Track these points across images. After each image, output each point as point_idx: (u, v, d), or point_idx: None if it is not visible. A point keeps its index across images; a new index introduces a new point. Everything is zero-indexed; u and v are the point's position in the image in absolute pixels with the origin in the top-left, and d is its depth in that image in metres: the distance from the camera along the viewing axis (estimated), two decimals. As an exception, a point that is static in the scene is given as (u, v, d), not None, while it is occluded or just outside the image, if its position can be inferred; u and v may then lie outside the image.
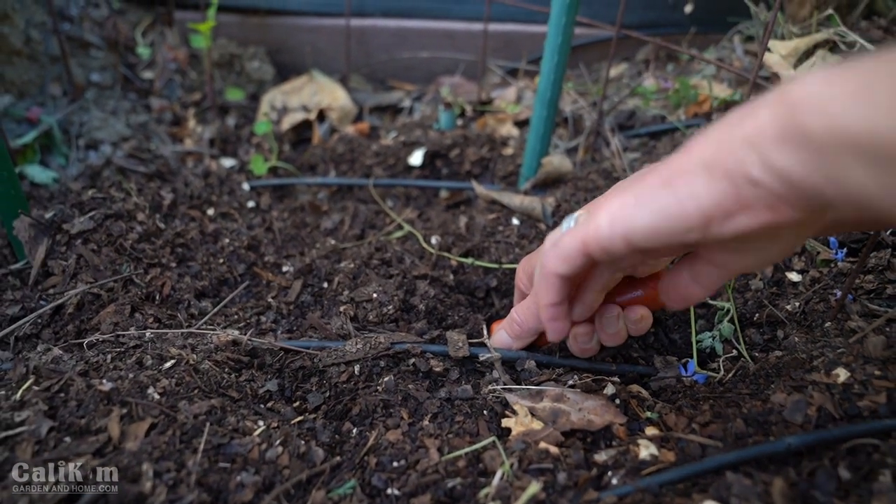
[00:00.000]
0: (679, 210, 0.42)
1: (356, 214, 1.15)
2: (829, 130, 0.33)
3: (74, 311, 0.79)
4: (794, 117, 0.35)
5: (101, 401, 0.60)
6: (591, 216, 0.49)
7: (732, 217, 0.41)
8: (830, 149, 0.33)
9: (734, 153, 0.39)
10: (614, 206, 0.47)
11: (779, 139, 0.36)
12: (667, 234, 0.44)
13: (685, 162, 0.43)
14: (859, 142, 0.32)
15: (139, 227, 0.91)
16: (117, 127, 1.32)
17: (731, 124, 0.41)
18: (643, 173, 0.50)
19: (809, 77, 0.35)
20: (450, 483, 0.56)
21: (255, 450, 0.58)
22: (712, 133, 0.43)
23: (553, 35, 1.00)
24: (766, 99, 0.39)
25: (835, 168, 0.34)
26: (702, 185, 0.41)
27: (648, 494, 0.54)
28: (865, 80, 0.32)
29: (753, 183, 0.39)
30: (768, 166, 0.37)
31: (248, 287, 0.93)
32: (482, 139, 1.27)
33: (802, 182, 0.36)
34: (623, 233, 0.46)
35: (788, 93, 0.36)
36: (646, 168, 0.54)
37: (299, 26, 1.58)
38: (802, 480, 0.55)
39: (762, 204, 0.40)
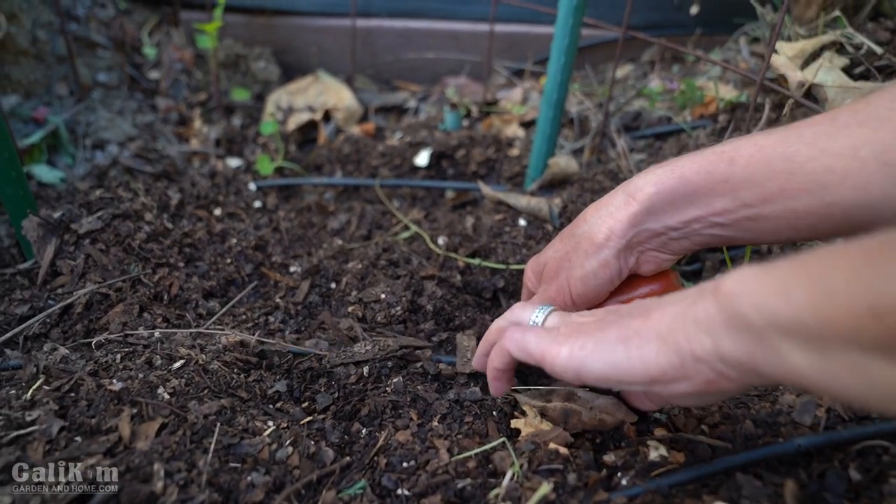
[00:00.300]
0: (628, 367, 0.48)
1: (363, 215, 1.15)
2: (765, 321, 0.38)
3: (83, 310, 0.79)
4: (735, 308, 0.40)
5: (112, 401, 0.60)
6: (559, 339, 0.53)
7: (674, 382, 0.46)
8: (769, 336, 0.38)
9: (686, 331, 0.44)
10: (577, 343, 0.51)
11: (726, 326, 0.41)
12: (614, 382, 0.50)
13: (643, 326, 0.48)
14: (791, 329, 0.37)
15: (147, 227, 0.91)
16: (124, 127, 1.32)
17: (685, 302, 0.46)
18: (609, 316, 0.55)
19: (742, 273, 0.41)
20: (460, 484, 0.56)
21: (265, 450, 0.58)
22: (668, 306, 0.48)
23: (560, 36, 1.00)
24: (710, 287, 0.44)
25: (774, 353, 0.39)
26: (652, 351, 0.46)
27: (658, 496, 0.54)
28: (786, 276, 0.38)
29: (698, 359, 0.44)
30: (715, 347, 0.43)
31: (256, 287, 0.93)
32: (488, 140, 1.27)
33: (748, 364, 0.41)
34: (576, 370, 0.51)
35: (727, 286, 0.41)
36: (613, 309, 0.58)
37: (305, 27, 1.58)
38: (812, 482, 0.55)
39: (702, 377, 0.45)
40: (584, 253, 0.65)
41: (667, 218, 0.61)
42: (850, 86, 0.99)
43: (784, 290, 0.37)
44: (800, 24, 1.23)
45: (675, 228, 0.61)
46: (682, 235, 0.61)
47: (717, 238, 0.60)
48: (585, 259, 0.65)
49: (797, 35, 1.18)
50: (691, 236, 0.61)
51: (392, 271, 0.93)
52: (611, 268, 0.64)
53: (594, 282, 0.65)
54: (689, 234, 0.61)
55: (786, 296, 0.37)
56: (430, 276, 0.92)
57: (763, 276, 0.39)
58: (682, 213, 0.60)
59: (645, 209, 0.61)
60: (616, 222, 0.63)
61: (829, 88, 0.99)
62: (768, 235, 0.58)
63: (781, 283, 0.38)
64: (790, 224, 0.55)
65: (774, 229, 0.56)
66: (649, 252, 0.64)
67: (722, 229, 0.59)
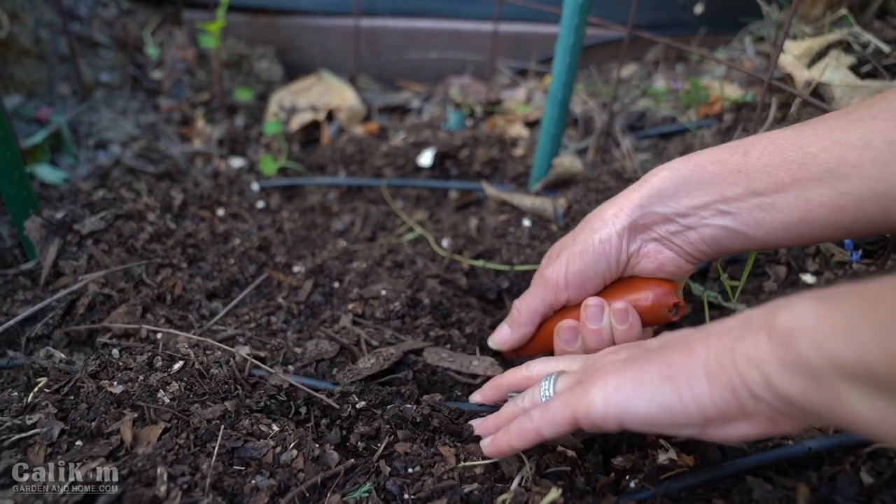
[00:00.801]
0: (680, 407, 0.43)
1: (367, 216, 1.14)
2: (827, 361, 0.35)
3: (85, 311, 0.79)
4: (792, 347, 0.37)
5: (112, 403, 0.60)
6: (584, 388, 0.49)
7: (733, 423, 0.43)
8: (829, 378, 0.35)
9: (737, 367, 0.41)
10: (611, 386, 0.47)
11: (780, 364, 0.38)
12: (663, 425, 0.45)
13: (687, 361, 0.44)
14: (856, 373, 0.34)
15: (150, 227, 0.91)
16: (126, 127, 1.31)
17: (731, 335, 0.42)
18: (638, 354, 0.50)
19: (800, 306, 0.38)
20: (466, 489, 0.55)
21: (269, 453, 0.58)
22: (711, 338, 0.44)
23: (565, 35, 0.99)
24: (760, 320, 0.41)
25: (835, 395, 0.36)
26: (705, 389, 0.42)
27: (668, 499, 0.54)
28: (852, 314, 0.34)
29: (756, 398, 0.40)
30: (771, 387, 0.39)
31: (259, 287, 0.93)
32: (492, 140, 1.27)
33: (803, 405, 0.38)
34: (617, 416, 0.46)
35: (783, 321, 0.38)
36: (635, 344, 0.55)
37: (308, 26, 1.57)
38: (823, 485, 0.55)
39: (763, 416, 0.42)
40: (589, 229, 0.64)
41: (676, 202, 0.60)
42: (857, 84, 0.98)
43: (849, 329, 0.34)
44: (806, 22, 1.22)
45: (683, 215, 0.60)
46: (688, 225, 0.60)
47: (726, 232, 0.59)
48: (589, 234, 0.64)
49: (803, 34, 1.17)
50: (698, 227, 0.60)
51: (397, 272, 0.92)
52: (611, 245, 0.63)
53: (592, 257, 0.64)
54: (697, 223, 0.60)
55: (851, 337, 0.34)
56: (434, 276, 0.91)
57: (824, 311, 0.36)
58: (692, 198, 0.59)
59: (656, 191, 0.61)
60: (626, 200, 0.63)
61: (837, 87, 0.98)
62: (780, 232, 0.56)
63: (846, 321, 0.34)
64: (802, 217, 0.54)
65: (786, 223, 0.55)
66: (652, 244, 0.63)
67: (731, 219, 0.58)
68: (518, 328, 0.72)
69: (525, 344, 0.74)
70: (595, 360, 0.55)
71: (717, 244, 0.60)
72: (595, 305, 0.64)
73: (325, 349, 0.75)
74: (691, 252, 0.62)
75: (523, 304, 0.71)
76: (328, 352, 0.75)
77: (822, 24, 1.16)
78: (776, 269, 0.86)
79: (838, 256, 0.82)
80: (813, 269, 0.84)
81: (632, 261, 0.65)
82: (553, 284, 0.67)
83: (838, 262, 0.82)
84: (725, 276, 0.80)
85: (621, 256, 0.64)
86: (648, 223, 0.62)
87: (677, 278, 0.66)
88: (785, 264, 0.86)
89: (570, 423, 0.49)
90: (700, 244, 0.61)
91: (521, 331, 0.72)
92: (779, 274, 0.85)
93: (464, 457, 0.59)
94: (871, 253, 0.82)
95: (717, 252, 0.61)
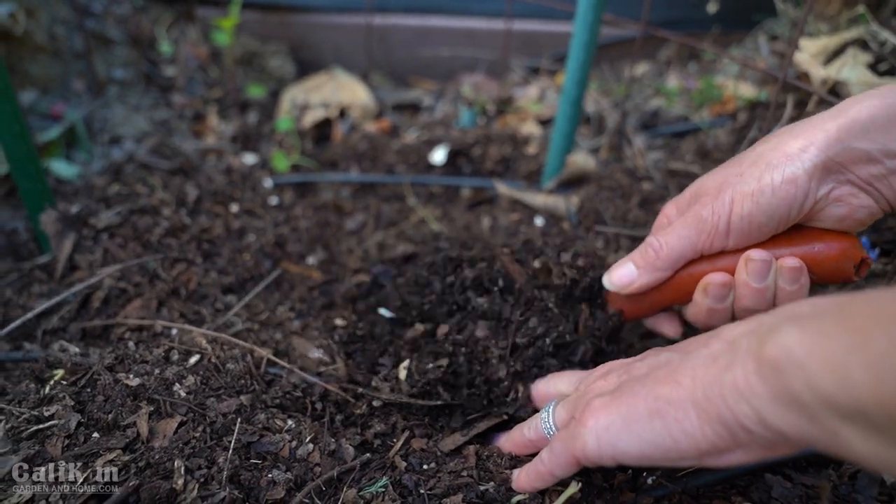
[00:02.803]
0: (673, 445, 0.41)
1: (379, 214, 1.14)
2: (820, 399, 0.33)
3: (101, 305, 0.79)
4: (783, 382, 0.35)
5: (128, 396, 0.60)
6: (577, 427, 0.47)
7: (728, 453, 0.41)
8: (824, 415, 0.33)
9: (726, 401, 0.38)
10: (601, 425, 0.45)
11: (771, 399, 0.36)
12: (658, 460, 0.43)
13: (675, 395, 0.42)
14: (851, 413, 0.32)
15: (165, 222, 0.91)
16: (140, 123, 1.32)
17: (718, 364, 0.40)
18: (626, 381, 0.47)
19: (788, 338, 0.35)
20: (482, 486, 0.55)
21: (285, 447, 0.57)
22: (698, 368, 0.41)
23: (579, 32, 0.99)
24: (746, 347, 0.38)
25: (831, 432, 0.33)
26: (695, 424, 0.40)
27: (686, 496, 0.53)
28: (843, 350, 0.32)
29: (748, 431, 0.38)
30: (762, 422, 0.37)
31: (276, 281, 0.92)
32: (504, 138, 1.26)
33: (798, 439, 0.36)
34: (612, 455, 0.44)
35: (770, 353, 0.35)
36: (624, 367, 0.51)
37: (321, 23, 1.58)
38: (843, 484, 0.54)
39: (758, 445, 0.39)
40: (765, 165, 0.51)
41: (884, 137, 0.48)
42: (874, 82, 0.97)
43: (841, 368, 0.31)
44: (821, 20, 1.21)
45: (892, 154, 0.49)
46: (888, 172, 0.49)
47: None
48: (766, 171, 0.51)
49: (819, 31, 1.16)
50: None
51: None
52: (798, 186, 0.50)
53: (769, 200, 0.51)
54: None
55: (843, 377, 0.31)
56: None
57: (813, 346, 0.33)
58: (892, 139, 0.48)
59: (859, 124, 0.49)
60: (817, 131, 0.50)
61: (854, 85, 0.98)
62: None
63: (837, 358, 0.32)
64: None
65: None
66: (848, 186, 0.51)
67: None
68: (652, 272, 0.59)
69: (649, 292, 0.62)
70: (585, 386, 0.53)
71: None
72: (762, 261, 0.54)
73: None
74: (892, 199, 0.51)
75: (666, 244, 0.58)
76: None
77: (838, 22, 1.15)
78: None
79: (856, 255, 0.81)
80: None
81: (817, 206, 0.52)
82: (710, 228, 0.55)
83: (856, 261, 0.81)
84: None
85: (807, 202, 0.51)
86: (846, 162, 0.50)
87: (859, 229, 0.54)
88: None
89: (573, 464, 0.48)
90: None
91: (656, 275, 0.59)
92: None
93: (485, 454, 0.58)
94: (890, 252, 0.81)
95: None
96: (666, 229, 0.59)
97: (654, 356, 0.49)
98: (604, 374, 0.52)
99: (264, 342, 0.75)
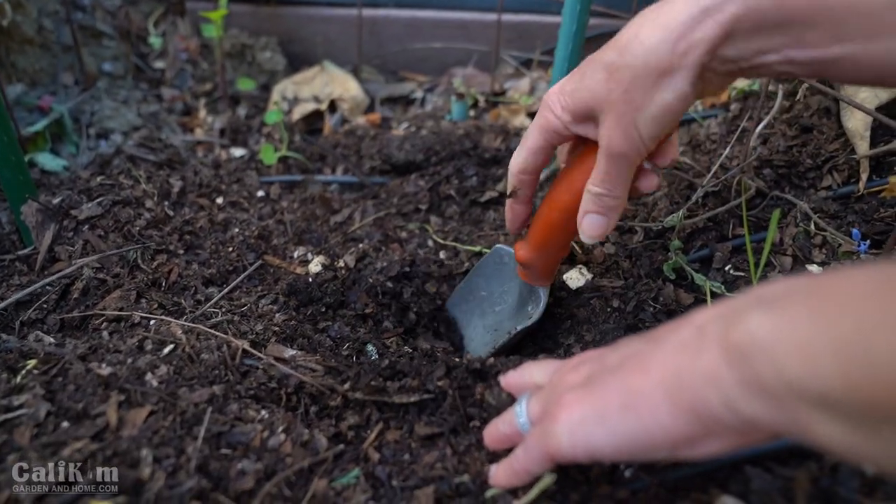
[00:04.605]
0: (647, 437, 0.41)
1: (365, 210, 1.13)
2: (786, 386, 0.32)
3: (80, 296, 0.78)
4: (749, 368, 0.34)
5: (99, 385, 0.59)
6: (550, 423, 0.46)
7: (701, 444, 0.40)
8: (791, 402, 0.33)
9: (695, 389, 0.38)
10: (574, 421, 0.44)
11: (739, 386, 0.35)
12: (634, 453, 0.43)
13: (646, 385, 0.41)
14: (817, 399, 0.31)
15: (147, 213, 0.90)
16: (128, 116, 1.31)
17: (686, 351, 0.40)
18: (598, 373, 0.47)
19: (753, 319, 0.35)
20: (457, 479, 0.54)
21: (257, 437, 0.57)
22: (668, 356, 0.41)
23: (567, 22, 0.98)
24: (714, 333, 0.38)
25: (798, 418, 0.33)
26: (666, 413, 0.40)
27: (663, 489, 0.52)
28: (809, 332, 0.31)
29: (719, 419, 0.38)
30: (732, 409, 0.36)
31: (258, 270, 0.91)
32: (495, 130, 1.25)
33: (769, 425, 0.36)
34: (586, 450, 0.44)
35: (737, 338, 0.35)
36: (596, 356, 0.51)
37: (311, 16, 1.56)
38: (825, 476, 0.53)
39: (731, 433, 0.39)
40: (651, 84, 0.53)
41: (745, 44, 0.51)
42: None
43: (808, 355, 0.31)
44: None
45: (749, 58, 0.52)
46: (750, 66, 0.53)
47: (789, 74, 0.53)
48: (655, 92, 0.54)
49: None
50: (761, 69, 0.53)
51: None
52: (688, 100, 0.54)
53: (670, 118, 0.55)
54: (759, 66, 0.52)
55: (811, 363, 0.31)
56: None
57: (779, 331, 0.33)
58: (764, 41, 0.50)
59: (725, 33, 0.50)
60: (690, 46, 0.51)
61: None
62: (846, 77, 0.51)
63: (804, 344, 0.32)
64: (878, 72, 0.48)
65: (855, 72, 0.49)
66: (714, 78, 0.54)
67: (798, 68, 0.51)
68: (614, 213, 0.63)
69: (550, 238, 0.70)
70: (559, 378, 0.52)
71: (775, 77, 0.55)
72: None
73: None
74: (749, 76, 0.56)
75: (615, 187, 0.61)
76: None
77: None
78: (782, 260, 0.84)
79: (846, 246, 0.80)
80: (819, 260, 0.82)
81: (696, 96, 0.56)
82: (629, 149, 0.57)
83: (846, 252, 0.80)
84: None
85: (693, 102, 0.56)
86: (713, 66, 0.53)
87: None
88: (791, 255, 0.84)
89: (548, 461, 0.47)
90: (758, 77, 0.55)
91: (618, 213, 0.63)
92: (784, 264, 0.83)
93: (462, 447, 0.57)
94: (880, 243, 0.80)
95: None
96: (601, 171, 0.60)
97: (626, 346, 0.48)
98: (576, 366, 0.51)
99: (243, 333, 0.74)
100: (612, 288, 0.81)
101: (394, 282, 0.88)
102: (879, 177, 0.83)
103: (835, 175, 0.87)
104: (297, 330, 0.75)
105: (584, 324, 0.79)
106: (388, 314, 0.87)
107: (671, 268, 0.84)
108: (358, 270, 0.91)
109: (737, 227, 0.87)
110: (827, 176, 0.88)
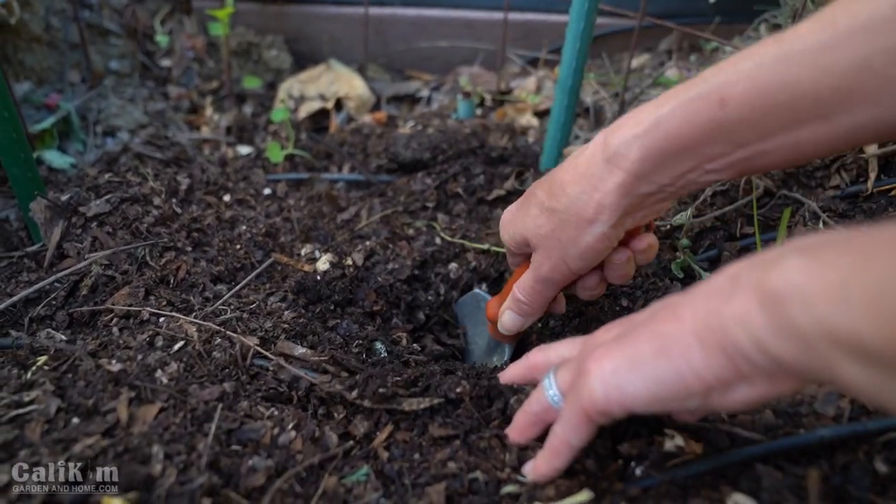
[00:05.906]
0: (678, 381, 0.42)
1: (372, 207, 1.13)
2: (818, 328, 0.33)
3: (88, 292, 0.78)
4: (782, 311, 0.35)
5: (110, 382, 0.59)
6: (583, 379, 0.46)
7: (733, 387, 0.41)
8: (821, 345, 0.34)
9: (727, 330, 0.39)
10: (606, 371, 0.45)
11: (770, 328, 0.36)
12: (668, 401, 0.43)
13: (677, 330, 0.42)
14: (847, 342, 0.32)
15: (155, 210, 0.90)
16: (135, 114, 1.31)
17: (720, 297, 0.41)
18: (629, 329, 0.48)
19: (789, 264, 0.36)
20: (470, 476, 0.54)
21: (267, 434, 0.57)
22: (699, 301, 0.42)
23: (575, 21, 0.98)
24: (748, 279, 0.39)
25: (827, 362, 0.34)
26: (699, 356, 0.41)
27: (674, 487, 0.52)
28: (844, 273, 0.32)
29: (750, 360, 0.39)
30: (763, 350, 0.37)
31: (266, 268, 0.91)
32: (501, 129, 1.25)
33: (797, 369, 0.37)
34: (619, 401, 0.44)
35: (772, 282, 0.36)
36: (624, 320, 0.52)
37: (317, 15, 1.57)
38: (836, 474, 0.53)
39: (761, 377, 0.40)
40: (574, 228, 0.60)
41: (659, 178, 0.56)
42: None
43: (841, 297, 0.32)
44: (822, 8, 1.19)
45: (671, 184, 0.57)
46: (679, 188, 0.57)
47: (717, 180, 0.57)
48: (578, 235, 0.60)
49: (821, 21, 1.14)
50: (689, 185, 0.57)
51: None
52: (610, 238, 0.60)
53: (595, 255, 0.62)
54: (686, 184, 0.57)
55: (843, 305, 0.31)
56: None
57: (814, 273, 0.34)
58: (675, 169, 0.55)
59: (633, 177, 0.56)
60: (604, 196, 0.57)
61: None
62: (767, 168, 0.55)
63: (838, 286, 0.32)
64: (787, 157, 0.52)
65: (771, 163, 0.53)
66: (648, 208, 0.60)
67: (718, 174, 0.55)
68: (530, 318, 0.72)
69: None
70: (588, 341, 0.53)
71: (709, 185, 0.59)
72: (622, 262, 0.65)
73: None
74: (687, 193, 0.62)
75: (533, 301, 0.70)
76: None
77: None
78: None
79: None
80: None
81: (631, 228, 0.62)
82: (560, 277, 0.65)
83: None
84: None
85: (621, 236, 0.62)
86: (637, 203, 0.58)
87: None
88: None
89: (587, 423, 0.47)
90: (694, 191, 0.61)
91: (534, 318, 0.72)
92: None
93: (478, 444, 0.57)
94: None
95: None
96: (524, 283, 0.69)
97: (658, 303, 0.49)
98: (606, 329, 0.53)
99: (253, 331, 0.74)
100: (620, 286, 0.81)
101: (405, 283, 0.89)
102: (888, 176, 0.83)
103: (843, 174, 0.87)
104: (306, 327, 0.75)
105: (592, 322, 0.79)
106: (396, 312, 0.87)
107: (679, 266, 0.84)
108: (366, 269, 0.91)
109: (745, 226, 0.87)
110: (835, 175, 0.88)
